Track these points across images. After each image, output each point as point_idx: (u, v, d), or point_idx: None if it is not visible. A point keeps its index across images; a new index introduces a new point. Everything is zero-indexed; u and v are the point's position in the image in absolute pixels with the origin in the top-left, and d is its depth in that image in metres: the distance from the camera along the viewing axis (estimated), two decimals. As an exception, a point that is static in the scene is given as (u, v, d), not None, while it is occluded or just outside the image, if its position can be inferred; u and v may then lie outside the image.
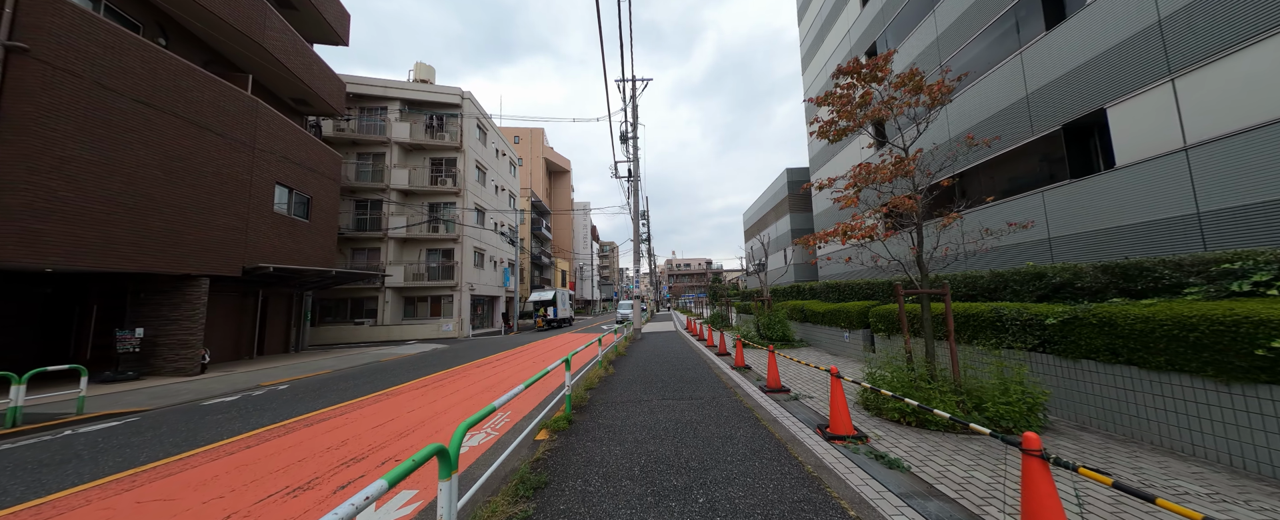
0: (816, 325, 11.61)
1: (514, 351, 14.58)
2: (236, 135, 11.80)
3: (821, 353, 10.70)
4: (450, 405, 6.75)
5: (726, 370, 8.73)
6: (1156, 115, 7.00)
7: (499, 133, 30.85)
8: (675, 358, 10.86)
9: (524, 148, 50.88)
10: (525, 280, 38.66)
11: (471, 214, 25.01)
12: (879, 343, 8.40)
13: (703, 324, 18.71)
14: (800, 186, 9.18)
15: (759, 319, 12.44)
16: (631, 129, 19.06)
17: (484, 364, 11.57)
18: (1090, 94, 8.17)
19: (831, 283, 12.04)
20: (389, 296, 22.51)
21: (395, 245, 23.20)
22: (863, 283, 10.37)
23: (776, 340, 11.88)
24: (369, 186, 22.69)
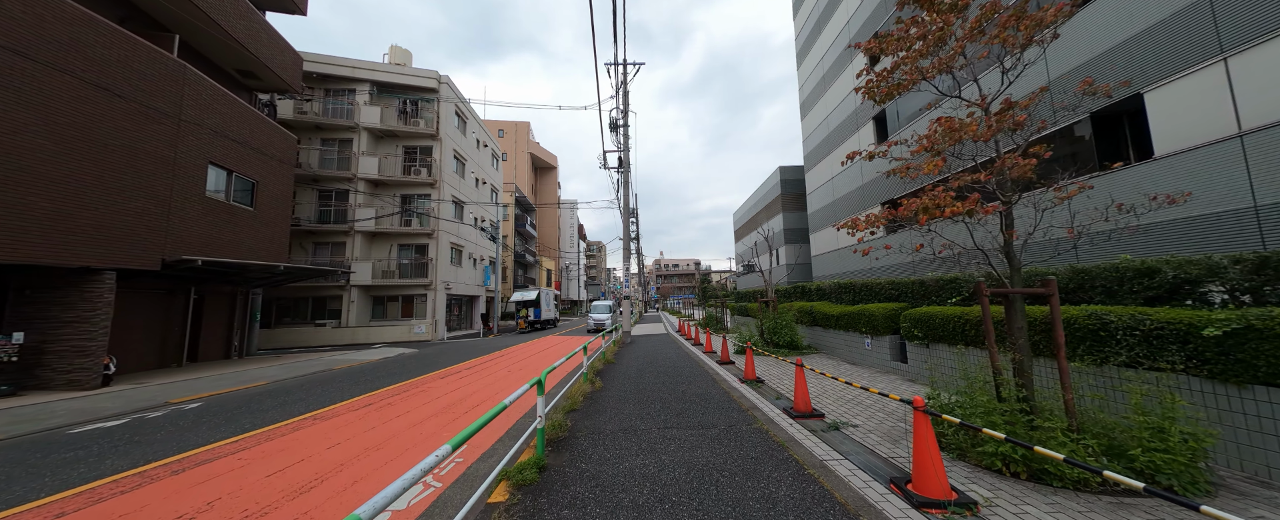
0: (828, 330, 10.37)
1: (488, 358, 13.00)
2: (156, 103, 9.97)
3: (836, 361, 9.46)
4: (389, 436, 5.22)
5: (734, 383, 7.37)
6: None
7: (480, 123, 29.08)
8: (671, 366, 9.48)
9: (509, 142, 48.98)
10: (507, 279, 36.85)
11: (448, 207, 23.23)
12: (913, 352, 7.16)
13: (695, 326, 17.41)
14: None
15: (763, 322, 11.15)
16: (622, 116, 17.65)
17: (449, 374, 9.99)
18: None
19: (846, 282, 10.82)
20: (355, 295, 20.60)
21: (363, 240, 21.29)
22: (886, 282, 9.15)
23: (783, 346, 10.61)
24: (334, 175, 20.75)
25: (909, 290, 8.29)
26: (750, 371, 7.46)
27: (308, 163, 20.72)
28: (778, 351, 10.42)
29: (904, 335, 7.24)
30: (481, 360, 12.38)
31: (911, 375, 7.14)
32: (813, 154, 28.91)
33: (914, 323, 6.94)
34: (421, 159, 22.42)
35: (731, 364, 9.48)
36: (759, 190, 42.52)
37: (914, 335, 6.98)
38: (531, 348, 15.62)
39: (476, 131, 28.10)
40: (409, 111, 22.64)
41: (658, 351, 12.37)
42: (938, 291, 7.41)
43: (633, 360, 10.72)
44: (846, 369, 8.46)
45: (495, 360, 12.32)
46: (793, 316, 10.82)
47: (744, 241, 48.31)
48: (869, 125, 21.63)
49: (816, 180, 28.30)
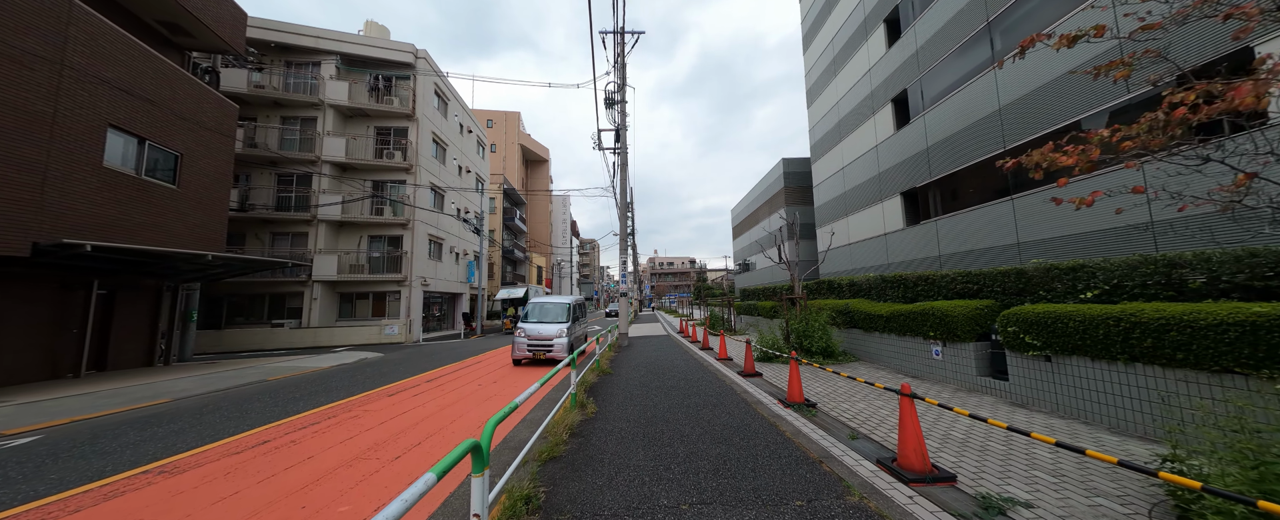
0: (871, 334, 8.48)
1: (458, 367, 10.93)
2: (22, 42, 7.76)
3: (889, 373, 7.57)
4: (268, 502, 3.19)
5: (776, 408, 5.43)
6: None
7: (465, 106, 26.86)
8: (682, 379, 7.52)
9: (498, 132, 46.68)
10: (495, 276, 34.66)
11: (426, 194, 21.03)
12: (1019, 366, 5.27)
13: (698, 327, 15.47)
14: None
15: (790, 324, 9.24)
16: (619, 91, 15.63)
17: (401, 390, 7.93)
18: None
19: (896, 275, 8.91)
20: (318, 292, 18.35)
21: (328, 230, 19.03)
22: (956, 274, 7.25)
23: (816, 353, 8.70)
24: (296, 157, 18.47)
25: (997, 283, 6.40)
26: (795, 392, 5.51)
27: (265, 143, 18.43)
28: (811, 360, 8.53)
29: (1007, 343, 5.34)
30: (448, 370, 10.31)
31: (1019, 398, 5.27)
32: (821, 143, 27.14)
33: (1026, 326, 5.04)
34: (396, 141, 20.20)
35: (757, 376, 7.55)
36: (760, 184, 40.75)
37: (1024, 343, 5.08)
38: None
39: (460, 115, 25.88)
40: (382, 88, 20.39)
41: (661, 358, 10.42)
42: (1048, 283, 5.53)
43: (633, 370, 8.75)
44: (912, 384, 6.57)
45: (464, 371, 10.25)
46: (826, 318, 8.92)
47: (743, 238, 46.54)
48: (887, 108, 19.81)
49: (825, 171, 26.51)
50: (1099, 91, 8.93)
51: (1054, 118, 10.77)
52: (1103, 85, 8.93)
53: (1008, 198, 12.82)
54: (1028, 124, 11.78)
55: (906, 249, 18.11)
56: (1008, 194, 12.83)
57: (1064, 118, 10.10)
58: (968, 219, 14.12)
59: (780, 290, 15.13)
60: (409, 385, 8.26)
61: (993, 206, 13.16)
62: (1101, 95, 8.84)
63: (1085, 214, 8.55)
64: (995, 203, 13.12)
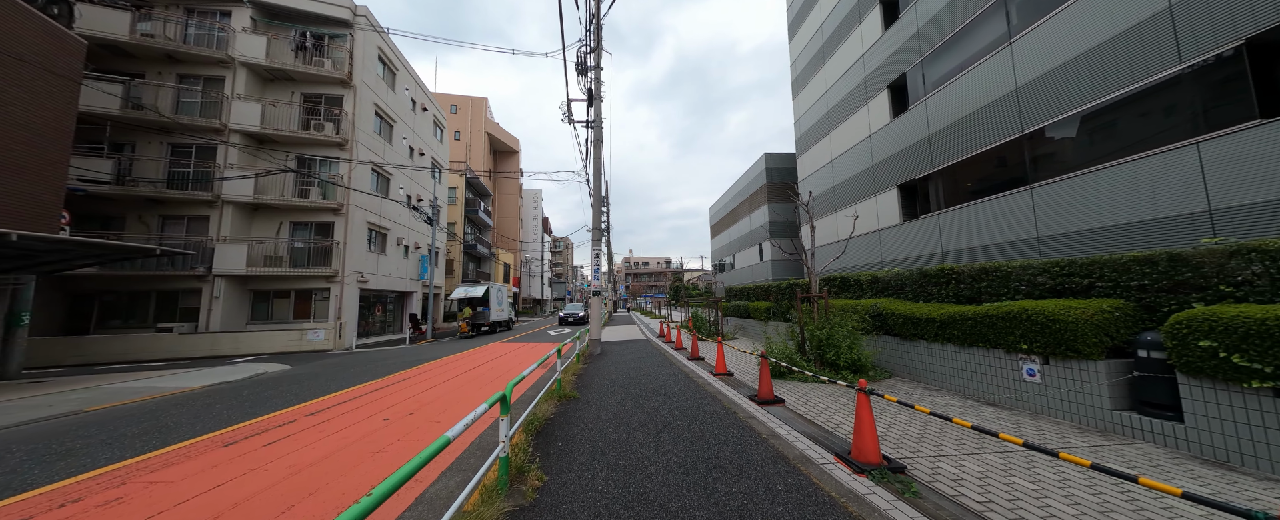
0: (915, 342, 6.58)
1: (380, 385, 8.33)
2: None
3: (948, 396, 5.61)
4: None
5: (846, 479, 3.30)
6: None
7: (418, 79, 23.76)
8: (678, 412, 5.29)
9: (462, 119, 43.25)
10: (455, 273, 31.48)
11: (365, 174, 17.98)
12: (1211, 401, 3.37)
13: (678, 329, 13.36)
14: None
15: (808, 330, 7.21)
16: (593, 57, 13.34)
17: (264, 430, 5.34)
18: None
19: (942, 269, 7.00)
20: (221, 289, 15.04)
21: (237, 213, 15.73)
22: (1049, 264, 5.32)
23: (843, 368, 6.72)
24: (195, 124, 15.09)
25: (1130, 274, 4.50)
26: (867, 444, 3.39)
27: (154, 105, 14.96)
28: (836, 376, 6.56)
29: (1184, 364, 3.43)
30: (357, 393, 7.69)
31: (1209, 450, 3.38)
32: (807, 135, 25.72)
33: (1234, 338, 3.13)
34: (327, 111, 17.06)
35: (777, 403, 5.45)
36: (740, 181, 39.35)
37: (1229, 367, 3.18)
38: (457, 365, 10.98)
39: (412, 90, 22.79)
40: (311, 48, 17.20)
41: (643, 373, 8.20)
42: (1233, 273, 3.68)
43: (607, 393, 6.49)
44: (1001, 419, 4.63)
45: (379, 394, 7.66)
46: (856, 322, 6.95)
47: (722, 237, 45.07)
48: (883, 95, 18.41)
49: (812, 165, 25.07)
50: (1142, 62, 7.58)
51: (1086, 95, 9.36)
52: (1146, 55, 7.63)
53: (1025, 187, 11.41)
54: (1052, 104, 10.39)
55: (903, 246, 16.65)
56: (1025, 183, 11.44)
57: (1097, 95, 8.70)
58: (976, 212, 12.68)
59: (774, 289, 13.16)
60: (278, 421, 5.66)
61: (1007, 198, 11.74)
62: (1145, 65, 7.44)
63: (1130, 202, 7.48)
64: (1010, 193, 11.70)
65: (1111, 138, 8.52)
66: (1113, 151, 8.42)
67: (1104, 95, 8.44)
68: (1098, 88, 8.71)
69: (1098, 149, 8.83)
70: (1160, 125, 7.42)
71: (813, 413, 5.07)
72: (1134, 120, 7.89)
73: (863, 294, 8.96)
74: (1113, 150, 8.42)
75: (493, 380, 8.39)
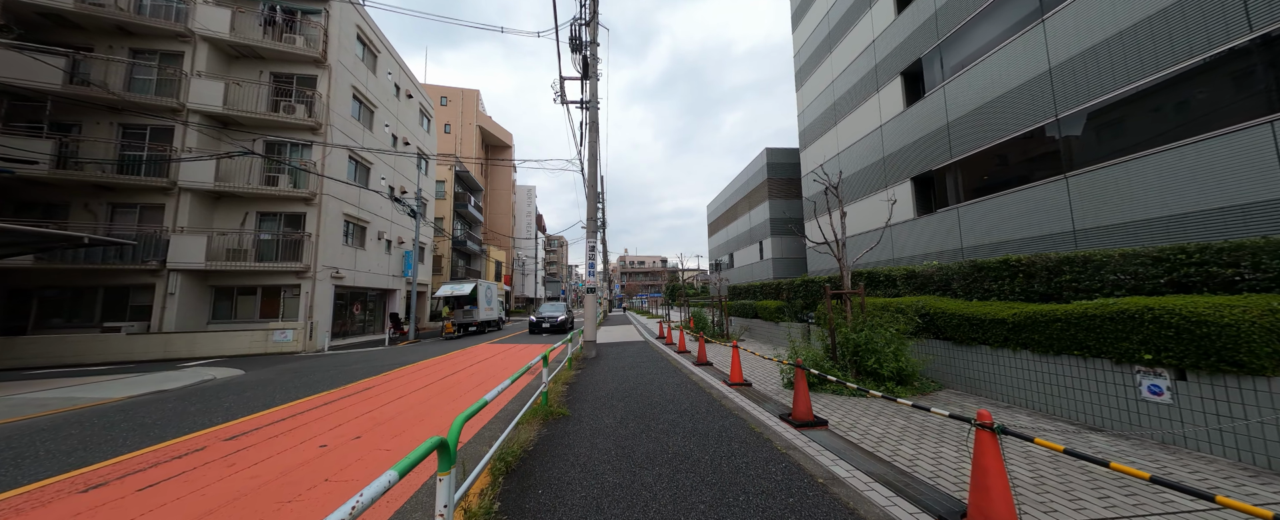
0: (973, 348, 5.48)
1: (341, 395, 7.09)
2: None
3: (1035, 416, 4.51)
4: None
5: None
6: None
7: (402, 64, 22.40)
8: (693, 436, 4.07)
9: (453, 111, 41.83)
10: (443, 270, 30.12)
11: (342, 163, 16.64)
12: None
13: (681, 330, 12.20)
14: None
15: (842, 333, 6.08)
16: (588, 30, 12.15)
17: (153, 465, 4.11)
18: None
19: (1013, 259, 5.78)
20: (177, 284, 13.66)
21: (196, 202, 14.35)
22: (1171, 252, 4.23)
23: (887, 378, 5.61)
24: (149, 103, 13.68)
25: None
26: (1001, 508, 2.27)
27: (105, 80, 13.54)
28: (879, 388, 5.46)
29: None
30: (310, 405, 6.45)
31: None
32: (811, 128, 24.73)
33: None
34: (299, 93, 15.70)
35: (818, 425, 4.32)
36: (740, 177, 38.34)
37: None
38: (433, 370, 9.74)
39: (395, 74, 21.43)
40: (280, 23, 15.82)
41: (644, 381, 7.04)
42: None
43: (605, 407, 5.31)
44: (1121, 451, 3.53)
45: (334, 406, 6.42)
46: (903, 325, 5.82)
47: (720, 235, 44.05)
48: (895, 82, 17.41)
49: (817, 157, 24.04)
50: (1204, 36, 6.70)
51: (1131, 73, 8.44)
52: (1207, 27, 6.75)
53: (1060, 176, 10.42)
54: (1092, 84, 9.45)
55: (917, 242, 15.64)
56: (1060, 171, 10.46)
57: (1146, 73, 7.79)
58: (1002, 204, 11.74)
59: (786, 287, 11.46)
60: (180, 450, 4.42)
61: (1038, 188, 10.80)
62: (1208, 38, 6.54)
63: (1186, 190, 6.80)
64: (1041, 183, 10.74)
65: (1165, 119, 7.55)
66: (1167, 134, 7.47)
67: (1156, 73, 7.49)
68: (1146, 65, 7.80)
69: (1149, 131, 7.86)
70: (1226, 102, 6.45)
71: (869, 441, 3.94)
72: (1192, 99, 6.94)
73: (897, 291, 7.86)
74: (1168, 132, 7.46)
75: (470, 389, 7.19)
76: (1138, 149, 8.14)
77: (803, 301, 11.23)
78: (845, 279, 6.58)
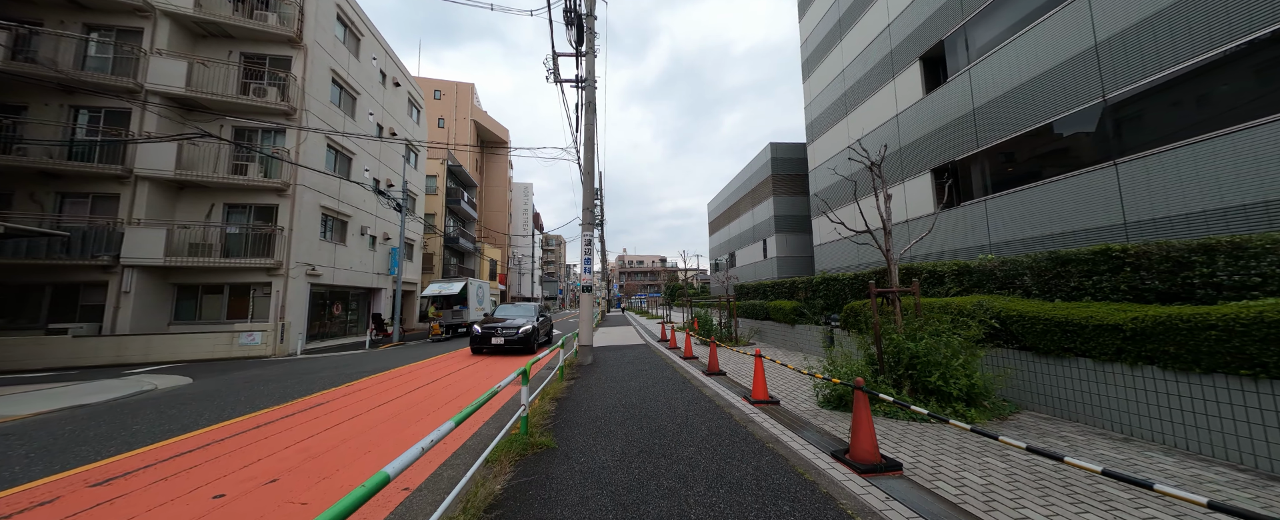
0: (1073, 360, 4.34)
1: (269, 419, 5.91)
2: None
3: (1158, 451, 3.37)
4: None
5: None
6: None
7: (390, 52, 21.19)
8: (732, 499, 2.90)
9: (447, 105, 40.63)
10: (434, 269, 28.91)
11: (320, 152, 15.43)
12: None
13: (687, 334, 11.05)
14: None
15: (891, 340, 4.93)
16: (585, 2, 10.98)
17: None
18: None
19: (1116, 248, 4.59)
20: (133, 282, 12.44)
21: (156, 192, 13.13)
22: None
23: (955, 397, 4.47)
24: (104, 83, 12.45)
25: None
26: None
27: (54, 58, 12.32)
28: (943, 409, 4.32)
29: None
30: (204, 441, 5.27)
31: None
32: (820, 121, 23.63)
33: None
34: (272, 75, 14.48)
35: (893, 471, 3.18)
36: (742, 174, 37.25)
37: None
38: (407, 380, 8.54)
39: (381, 60, 20.22)
40: (252, 0, 14.61)
41: (649, 394, 5.88)
42: None
43: (601, 434, 4.12)
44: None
45: (231, 448, 5.24)
46: (974, 331, 4.67)
47: (721, 234, 42.95)
48: (913, 68, 16.30)
49: (826, 151, 22.96)
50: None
51: (1198, 45, 7.47)
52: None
53: (1108, 163, 9.35)
54: (1147, 60, 8.45)
55: (936, 238, 14.55)
56: (1108, 157, 9.41)
57: (1219, 44, 6.80)
58: (1036, 195, 10.72)
59: (802, 285, 9.53)
60: (25, 502, 3.25)
61: (1079, 177, 9.77)
62: None
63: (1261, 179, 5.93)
64: (1083, 172, 9.70)
65: (1250, 91, 6.50)
66: (1256, 106, 6.44)
67: (1244, 36, 6.43)
68: (1216, 36, 6.77)
69: (1227, 105, 6.83)
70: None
71: (974, 500, 2.79)
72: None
73: (944, 290, 6.71)
74: (1257, 105, 6.43)
75: (443, 405, 6.01)
76: (1211, 127, 7.12)
77: (823, 302, 10.09)
78: (892, 274, 5.44)
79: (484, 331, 11.30)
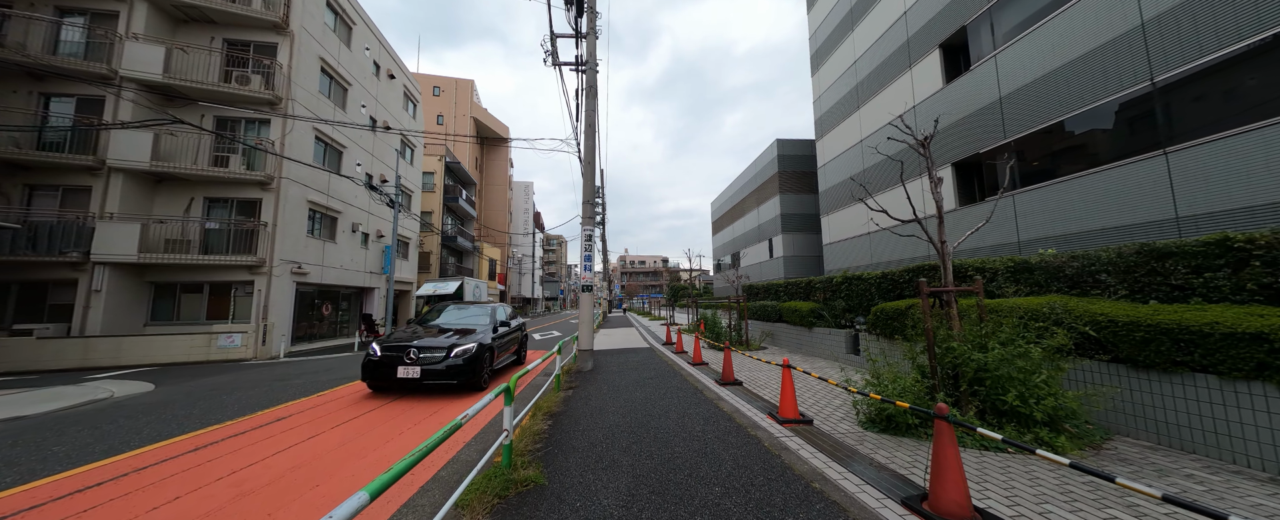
0: (1190, 377, 3.52)
1: (201, 443, 5.10)
2: None
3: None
4: None
5: None
6: None
7: (385, 42, 20.45)
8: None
9: (446, 101, 39.94)
10: (432, 268, 28.16)
11: (307, 144, 14.68)
12: None
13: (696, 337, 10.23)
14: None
15: (952, 350, 4.12)
16: (587, -19, 10.16)
17: None
18: None
19: (1234, 236, 3.70)
20: (105, 280, 11.69)
21: (131, 184, 12.39)
22: None
23: (1038, 421, 3.65)
24: (75, 69, 11.71)
25: None
26: None
27: (22, 42, 11.59)
28: (1022, 435, 3.50)
29: None
30: (99, 477, 4.45)
31: None
32: (830, 115, 22.79)
33: None
34: (257, 62, 13.73)
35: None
36: (747, 172, 36.43)
37: None
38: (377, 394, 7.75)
39: (374, 51, 19.48)
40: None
41: (657, 408, 5.06)
42: None
43: (603, 467, 3.27)
44: None
45: (100, 500, 4.44)
46: (1062, 338, 3.81)
47: (725, 233, 42.12)
48: (932, 56, 15.50)
49: (836, 147, 22.14)
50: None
51: (1265, 20, 6.72)
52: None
53: (1156, 152, 8.56)
54: (1205, 39, 7.69)
55: (956, 237, 13.72)
56: (1157, 146, 8.63)
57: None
58: (1071, 189, 9.95)
59: (819, 285, 8.13)
60: None
61: (1122, 168, 9.01)
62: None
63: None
64: (1127, 162, 8.93)
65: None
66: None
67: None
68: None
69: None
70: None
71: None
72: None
73: (997, 290, 5.87)
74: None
75: (424, 418, 5.20)
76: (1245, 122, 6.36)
77: (845, 303, 9.25)
78: (946, 270, 4.61)
79: (384, 356, 6.33)
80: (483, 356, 6.57)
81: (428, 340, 6.51)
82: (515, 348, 9.08)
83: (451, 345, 6.42)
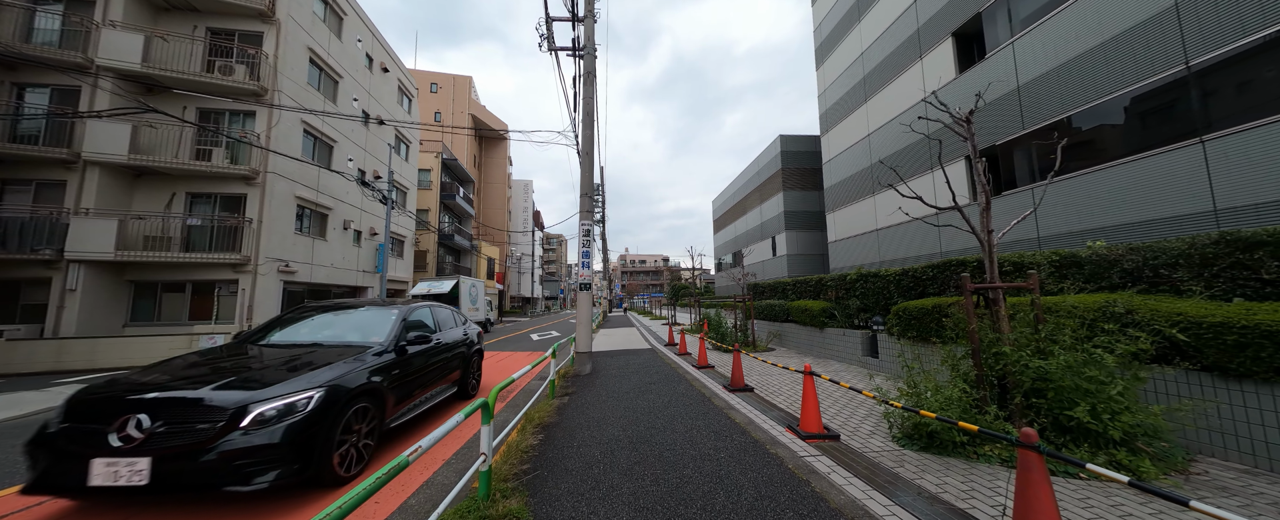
0: None
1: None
2: None
3: None
4: None
5: None
6: None
7: (378, 35, 19.88)
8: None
9: (444, 98, 39.38)
10: (428, 267, 27.62)
11: (296, 138, 14.12)
12: None
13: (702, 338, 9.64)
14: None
15: (1010, 358, 3.55)
16: (585, -38, 9.59)
17: None
18: None
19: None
20: (81, 279, 11.15)
21: (108, 178, 11.85)
22: None
23: (1117, 442, 3.08)
24: (49, 58, 11.16)
25: None
26: None
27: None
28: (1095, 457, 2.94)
29: None
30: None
31: None
32: (836, 109, 22.21)
33: None
34: (241, 52, 13.17)
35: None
36: (749, 169, 35.84)
37: None
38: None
39: (366, 43, 18.91)
40: (220, -32, 13.26)
41: (661, 419, 4.48)
42: None
43: (596, 492, 2.68)
44: None
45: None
46: (1145, 343, 3.25)
47: (727, 231, 41.54)
48: (945, 45, 14.94)
49: (842, 142, 21.56)
50: None
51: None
52: None
53: (1192, 140, 8.03)
54: (1248, 18, 7.21)
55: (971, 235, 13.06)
56: (1193, 134, 8.10)
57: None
58: (1099, 180, 9.42)
59: (832, 283, 7.57)
60: None
61: (1153, 158, 8.47)
62: None
63: None
64: (1159, 151, 8.39)
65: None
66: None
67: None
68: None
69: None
70: None
71: None
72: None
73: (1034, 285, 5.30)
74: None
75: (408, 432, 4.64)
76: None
77: (859, 302, 8.68)
78: (992, 266, 4.03)
79: (67, 429, 2.78)
80: (328, 419, 3.12)
81: (187, 391, 2.94)
82: (454, 374, 5.58)
83: (243, 404, 2.86)
